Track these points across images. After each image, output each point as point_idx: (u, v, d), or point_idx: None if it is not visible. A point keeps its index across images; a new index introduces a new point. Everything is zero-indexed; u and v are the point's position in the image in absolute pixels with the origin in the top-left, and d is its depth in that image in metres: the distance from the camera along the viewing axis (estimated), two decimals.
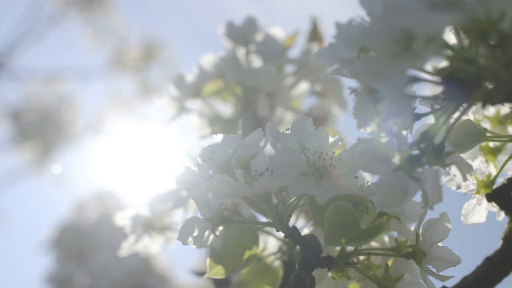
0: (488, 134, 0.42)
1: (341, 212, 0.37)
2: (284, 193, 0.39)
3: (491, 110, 0.46)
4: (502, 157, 0.43)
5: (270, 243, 0.51)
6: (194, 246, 0.41)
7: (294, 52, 0.60)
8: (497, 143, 0.44)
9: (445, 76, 0.30)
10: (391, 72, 0.28)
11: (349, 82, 0.36)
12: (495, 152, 0.43)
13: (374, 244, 0.44)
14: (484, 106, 0.32)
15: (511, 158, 0.39)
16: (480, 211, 0.42)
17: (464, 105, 0.33)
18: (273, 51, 0.55)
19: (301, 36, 0.64)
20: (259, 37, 0.58)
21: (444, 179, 0.41)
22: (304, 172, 0.36)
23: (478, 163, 0.43)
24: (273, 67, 0.55)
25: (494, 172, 0.43)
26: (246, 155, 0.39)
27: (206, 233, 0.41)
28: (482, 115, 0.45)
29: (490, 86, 0.29)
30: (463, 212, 0.42)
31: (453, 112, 0.33)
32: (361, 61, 0.30)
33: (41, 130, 2.91)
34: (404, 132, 0.36)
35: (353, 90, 0.32)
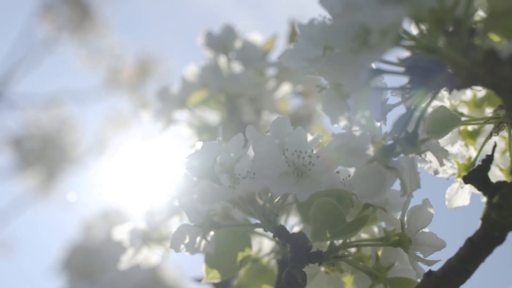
0: (464, 118, 0.43)
1: (326, 207, 0.38)
2: (269, 194, 0.40)
3: (468, 94, 0.46)
4: (481, 140, 0.44)
5: (265, 244, 0.52)
6: (187, 253, 0.42)
7: (275, 55, 0.61)
8: (475, 126, 0.45)
9: (409, 66, 0.31)
10: (353, 67, 0.29)
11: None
12: (473, 135, 0.44)
13: (364, 235, 0.45)
14: (450, 91, 0.33)
15: (488, 139, 0.40)
16: (463, 194, 0.43)
17: (432, 92, 0.34)
18: (252, 56, 0.57)
19: (281, 39, 0.66)
20: (238, 44, 0.59)
21: (425, 166, 0.42)
22: (285, 172, 0.37)
23: (458, 147, 0.44)
24: (253, 72, 0.57)
25: (474, 155, 0.44)
26: (229, 160, 0.40)
27: (198, 239, 0.42)
28: (459, 100, 0.45)
29: (450, 72, 0.30)
30: (446, 197, 0.43)
31: (422, 100, 0.34)
32: (325, 59, 0.31)
33: (44, 155, 2.93)
34: (378, 124, 0.37)
35: (322, 88, 0.33)
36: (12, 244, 2.99)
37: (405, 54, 0.32)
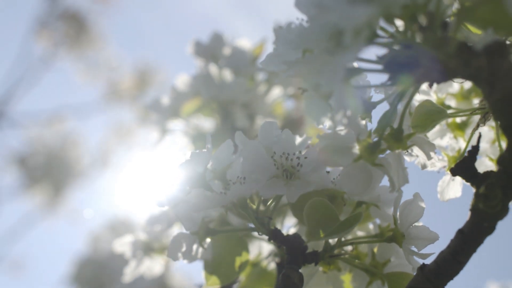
0: (451, 111, 0.43)
1: (318, 207, 0.38)
2: (262, 197, 0.40)
3: (455, 87, 0.47)
4: (470, 131, 0.44)
5: (264, 248, 0.52)
6: (185, 261, 0.43)
7: None
8: (463, 118, 0.45)
9: (387, 63, 0.31)
10: (329, 67, 0.29)
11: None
12: (462, 127, 0.45)
13: (359, 233, 0.45)
14: (431, 86, 0.33)
15: (476, 130, 0.40)
16: (455, 186, 0.43)
17: (413, 87, 0.34)
18: (242, 62, 0.57)
19: (271, 43, 0.66)
20: (227, 51, 0.60)
21: (415, 161, 0.42)
22: (274, 174, 0.37)
23: (447, 140, 0.44)
24: (243, 78, 0.57)
25: (464, 146, 0.44)
26: (220, 167, 0.41)
27: (195, 246, 0.42)
28: (446, 93, 0.46)
29: (428, 66, 0.30)
30: (438, 190, 0.43)
31: (403, 96, 0.34)
32: (303, 61, 0.31)
33: (49, 171, 2.95)
34: (363, 122, 0.37)
35: (304, 90, 0.34)
36: (23, 261, 3.00)
37: (384, 51, 0.32)
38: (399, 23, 0.31)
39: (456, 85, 0.47)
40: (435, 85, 0.45)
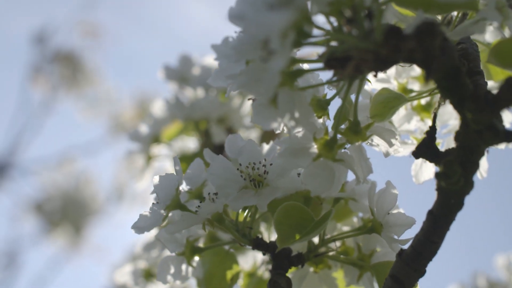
0: (413, 94, 0.44)
1: (290, 211, 0.38)
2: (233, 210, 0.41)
3: (416, 70, 0.47)
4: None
5: (259, 257, 0.53)
6: (178, 282, 0.43)
7: None
8: (428, 99, 0.45)
9: (326, 60, 0.32)
10: (266, 75, 0.30)
11: None
12: (427, 108, 0.45)
13: (345, 228, 0.45)
14: (375, 75, 0.33)
15: (437, 110, 0.41)
16: (428, 167, 0.43)
17: (357, 79, 0.34)
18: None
19: None
20: (196, 70, 0.61)
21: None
22: (243, 185, 0.38)
23: (415, 123, 0.45)
24: (213, 94, 0.58)
25: None
26: (194, 186, 0.41)
27: (183, 267, 0.43)
28: (407, 77, 0.46)
29: (361, 58, 0.30)
30: (412, 173, 0.43)
31: (350, 89, 0.35)
32: (243, 72, 0.32)
33: (67, 213, 2.97)
34: (320, 120, 0.38)
35: (254, 100, 0.34)
36: None
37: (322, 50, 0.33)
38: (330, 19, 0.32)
39: (417, 68, 0.47)
40: (393, 71, 0.45)
